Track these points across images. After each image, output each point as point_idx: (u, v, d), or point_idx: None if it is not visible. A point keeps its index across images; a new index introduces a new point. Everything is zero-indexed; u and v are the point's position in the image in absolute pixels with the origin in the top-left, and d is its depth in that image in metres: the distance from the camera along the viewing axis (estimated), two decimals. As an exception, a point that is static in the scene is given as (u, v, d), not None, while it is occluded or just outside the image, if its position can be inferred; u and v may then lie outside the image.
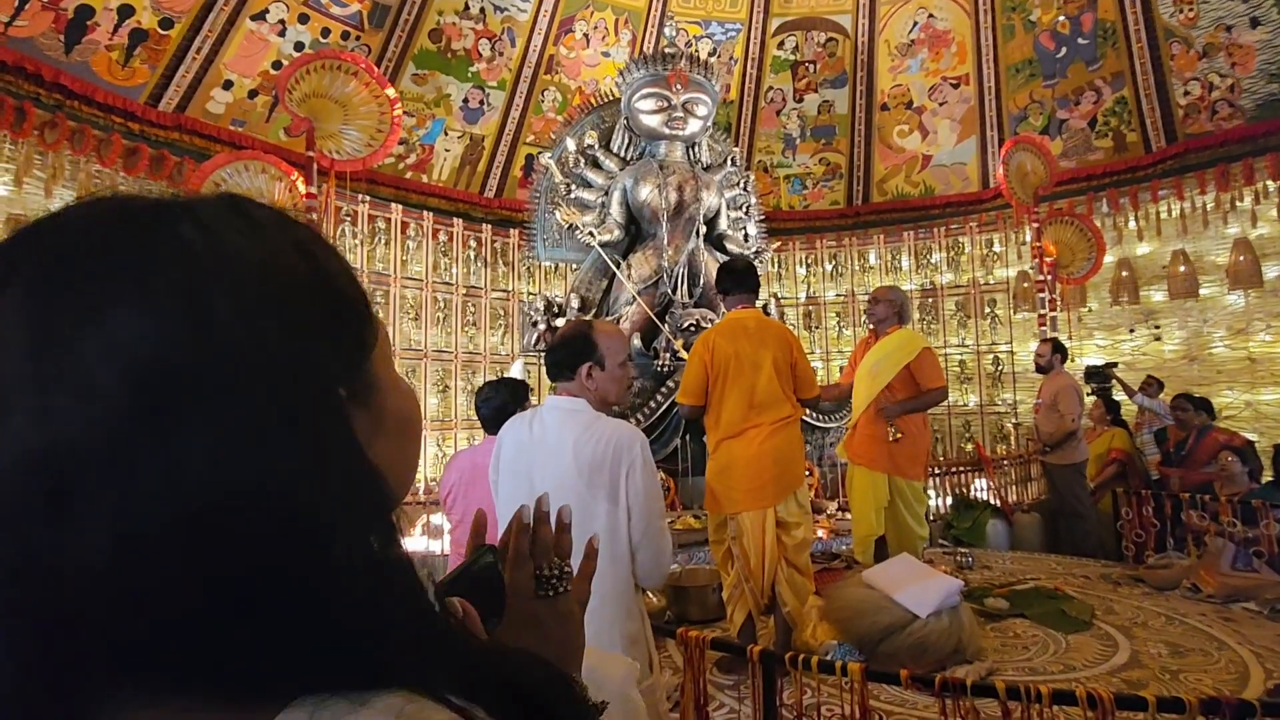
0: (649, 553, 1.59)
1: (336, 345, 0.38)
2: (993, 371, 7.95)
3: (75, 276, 0.32)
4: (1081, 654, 2.93)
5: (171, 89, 5.75)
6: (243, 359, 0.32)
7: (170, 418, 0.30)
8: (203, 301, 0.32)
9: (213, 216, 0.37)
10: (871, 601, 2.96)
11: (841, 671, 1.62)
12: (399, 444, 0.44)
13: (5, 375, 0.30)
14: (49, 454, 0.29)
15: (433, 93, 7.42)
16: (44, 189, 5.01)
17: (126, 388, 0.30)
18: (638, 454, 1.59)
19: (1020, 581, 3.95)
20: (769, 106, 8.93)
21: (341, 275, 0.42)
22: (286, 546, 0.32)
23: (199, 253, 0.34)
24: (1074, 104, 7.68)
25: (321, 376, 0.36)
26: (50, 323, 0.31)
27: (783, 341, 2.95)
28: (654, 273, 6.38)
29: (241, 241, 0.36)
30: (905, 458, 3.59)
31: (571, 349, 1.70)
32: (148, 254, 0.33)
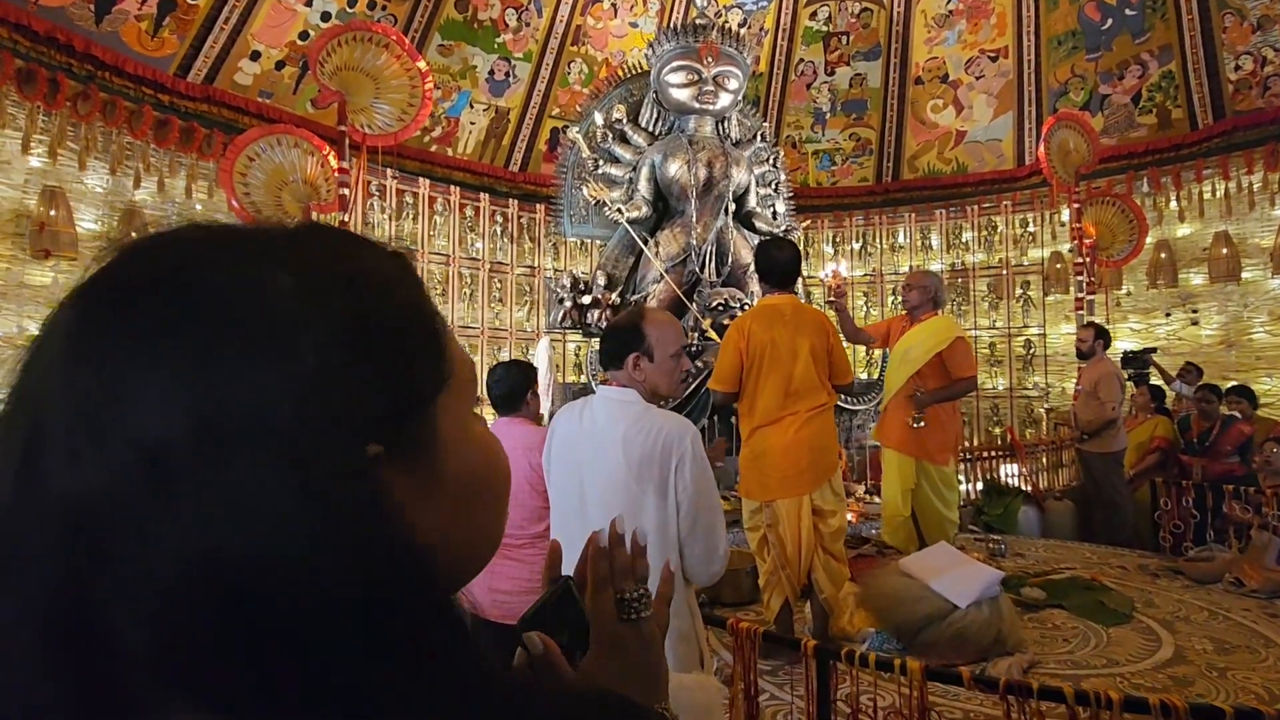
0: (698, 548, 1.56)
1: (371, 398, 0.35)
2: (1024, 355, 7.82)
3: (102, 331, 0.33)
4: (1124, 648, 2.90)
5: (200, 60, 5.71)
6: (244, 427, 0.31)
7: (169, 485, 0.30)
8: (211, 364, 0.31)
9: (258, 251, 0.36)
10: (910, 590, 2.95)
11: (901, 670, 1.60)
12: (465, 507, 0.40)
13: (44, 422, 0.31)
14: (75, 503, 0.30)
15: (458, 64, 7.31)
16: (77, 160, 5.02)
17: (135, 452, 0.30)
18: (688, 447, 1.55)
19: (1055, 571, 3.91)
20: (799, 80, 8.72)
21: (405, 319, 0.38)
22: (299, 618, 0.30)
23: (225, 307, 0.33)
24: (1118, 78, 7.41)
25: (337, 437, 0.33)
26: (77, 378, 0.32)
27: (820, 328, 2.91)
28: (682, 250, 6.30)
29: (280, 287, 0.34)
30: (933, 443, 3.61)
31: (620, 338, 1.67)
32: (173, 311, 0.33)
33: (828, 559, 2.88)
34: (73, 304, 0.34)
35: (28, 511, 0.31)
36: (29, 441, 0.31)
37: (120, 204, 5.26)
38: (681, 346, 1.67)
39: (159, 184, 5.46)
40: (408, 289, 0.40)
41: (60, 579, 0.30)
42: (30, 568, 0.30)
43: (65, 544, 0.30)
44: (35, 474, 0.31)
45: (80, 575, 0.30)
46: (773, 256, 2.99)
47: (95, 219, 5.14)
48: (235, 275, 0.34)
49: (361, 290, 0.37)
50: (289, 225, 0.39)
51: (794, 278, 3.04)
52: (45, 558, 0.30)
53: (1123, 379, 4.96)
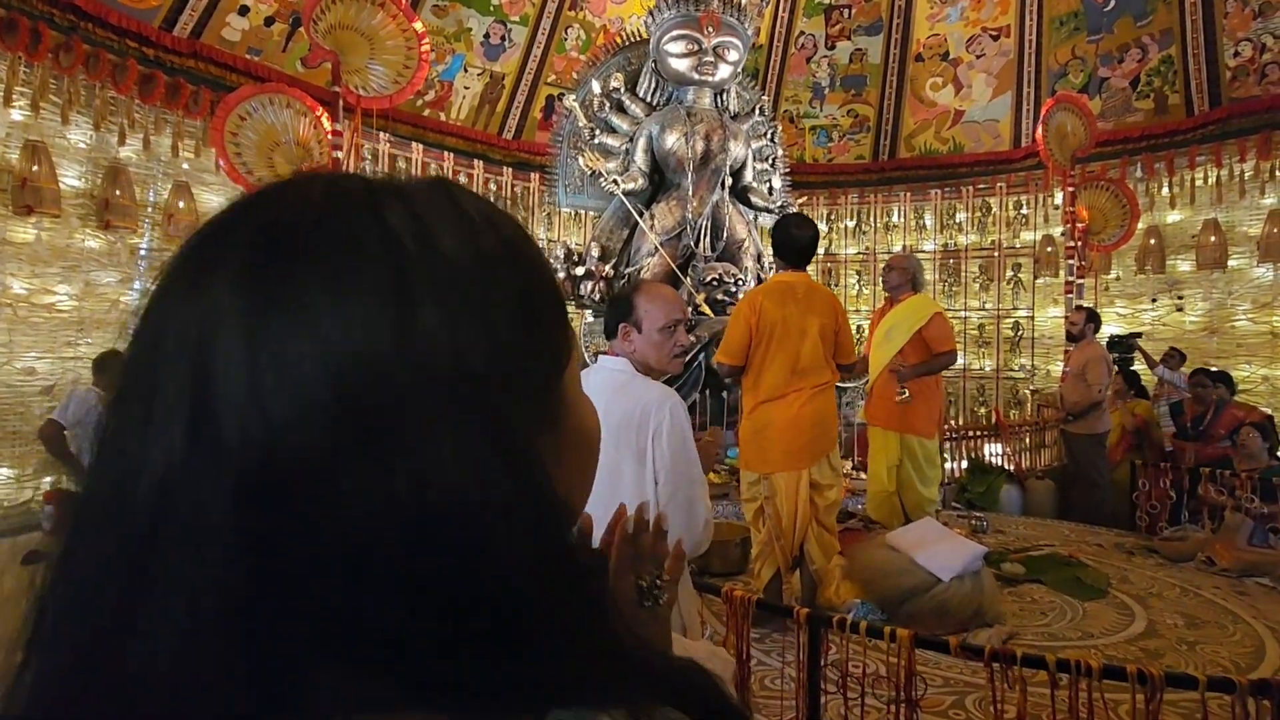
0: (677, 519, 1.53)
1: (535, 362, 0.36)
2: (1011, 336, 7.91)
3: (284, 267, 0.30)
4: (1099, 621, 3.01)
5: (186, 13, 5.53)
6: (446, 372, 0.31)
7: (373, 433, 0.29)
8: (409, 305, 0.31)
9: (425, 206, 0.35)
10: (895, 563, 3.02)
11: (890, 638, 1.65)
12: (580, 465, 0.43)
13: (215, 366, 0.29)
14: (262, 458, 0.28)
15: (453, 26, 7.15)
16: (60, 114, 4.89)
17: (332, 398, 0.28)
18: (665, 416, 1.55)
19: (1035, 547, 4.02)
20: (799, 53, 8.61)
21: (547, 283, 0.39)
22: (477, 568, 0.30)
23: (408, 247, 0.32)
24: (1117, 61, 7.38)
25: (519, 396, 0.34)
26: (260, 316, 0.29)
27: (830, 308, 2.94)
28: (677, 224, 6.27)
29: (452, 237, 0.34)
30: (916, 417, 3.70)
31: (615, 308, 1.68)
32: (355, 246, 0.31)
33: (821, 531, 2.95)
34: (234, 250, 0.31)
35: (206, 474, 0.28)
36: (197, 400, 0.29)
37: (105, 160, 5.14)
38: (675, 321, 1.65)
39: (144, 141, 5.33)
40: (541, 255, 0.40)
41: (245, 544, 0.28)
42: (212, 532, 0.28)
43: (259, 505, 0.28)
44: (212, 434, 0.28)
45: (269, 538, 0.28)
46: (792, 235, 2.98)
47: (78, 175, 5.02)
48: (415, 233, 0.33)
49: (516, 256, 0.37)
50: (429, 181, 0.38)
51: (809, 258, 3.05)
52: (233, 523, 0.28)
53: (1110, 363, 5.05)
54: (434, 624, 0.29)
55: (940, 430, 3.95)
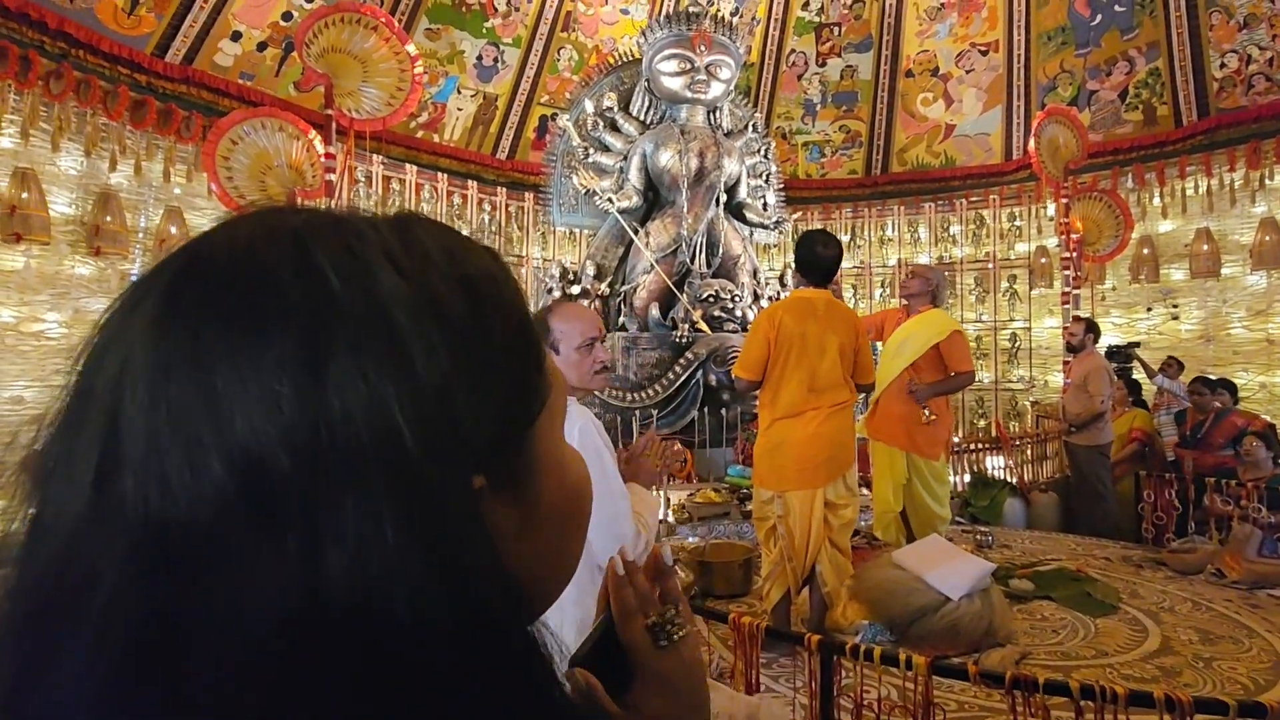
0: (599, 538, 1.45)
1: (484, 419, 0.32)
2: (1009, 348, 7.91)
3: (191, 320, 0.28)
4: (1112, 639, 2.94)
5: (179, 39, 5.54)
6: (356, 436, 0.27)
7: (268, 506, 0.26)
8: (322, 360, 0.28)
9: (366, 241, 0.31)
10: (903, 582, 2.96)
11: (907, 665, 1.60)
12: (559, 534, 0.38)
13: (123, 425, 0.27)
14: (157, 523, 0.26)
15: (446, 49, 7.18)
16: (50, 141, 4.87)
17: (229, 469, 0.26)
18: (574, 438, 1.49)
19: (1042, 562, 3.96)
20: (790, 70, 8.69)
21: (513, 327, 0.35)
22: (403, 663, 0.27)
23: (333, 290, 0.29)
24: (1105, 74, 7.46)
25: (454, 461, 0.30)
26: (164, 374, 0.27)
27: (850, 326, 2.90)
28: (672, 241, 6.27)
29: (390, 276, 0.30)
30: (925, 437, 3.60)
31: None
32: (268, 292, 0.28)
33: (834, 552, 2.89)
34: (159, 286, 0.30)
35: (104, 529, 0.27)
36: (106, 448, 0.27)
37: (95, 187, 5.11)
38: (592, 338, 1.61)
39: (135, 167, 5.31)
40: (513, 292, 0.36)
41: (143, 613, 0.26)
42: (108, 596, 0.26)
43: (149, 574, 0.26)
44: (114, 489, 0.27)
45: (165, 611, 0.26)
46: (818, 254, 2.92)
47: (69, 202, 4.99)
48: (344, 270, 0.30)
49: (475, 296, 0.33)
50: (390, 216, 0.34)
51: (832, 276, 3.00)
52: (125, 587, 0.26)
53: (1112, 373, 5.02)
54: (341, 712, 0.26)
55: (948, 451, 3.85)
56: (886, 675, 1.90)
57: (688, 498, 4.72)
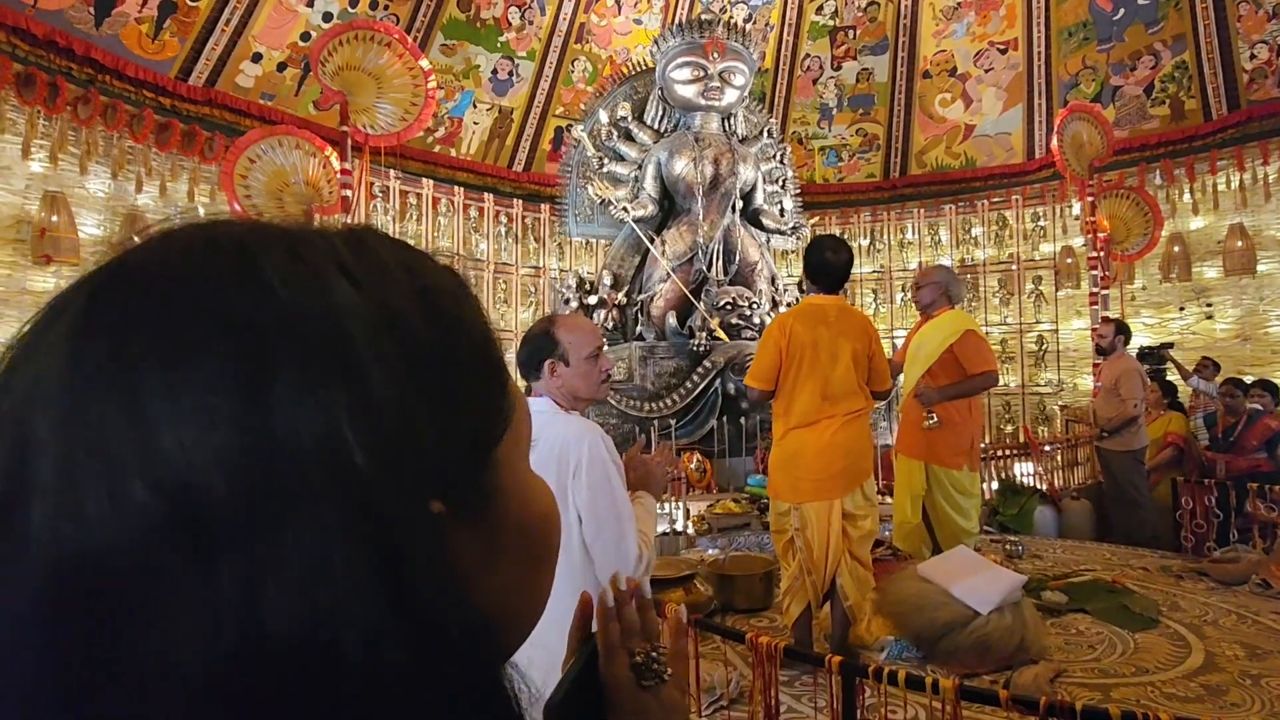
0: (602, 557, 1.45)
1: (442, 444, 0.29)
2: (1035, 351, 7.73)
3: (115, 331, 0.26)
4: (1153, 655, 2.82)
5: (201, 62, 5.66)
6: (301, 459, 0.25)
7: (201, 536, 0.24)
8: (264, 374, 0.25)
9: (318, 252, 0.29)
10: (929, 596, 2.87)
11: (933, 689, 1.53)
12: (525, 567, 0.35)
13: (32, 450, 0.24)
14: (70, 559, 0.23)
15: (461, 64, 7.25)
16: (79, 165, 4.98)
17: (159, 496, 0.24)
18: (584, 453, 1.47)
19: (1076, 573, 3.82)
20: (805, 75, 8.63)
21: (475, 346, 0.32)
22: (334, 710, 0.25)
23: (280, 300, 0.27)
24: (1130, 69, 7.30)
25: (411, 486, 0.27)
26: (80, 394, 0.25)
27: (863, 333, 2.83)
28: (689, 249, 6.23)
29: (344, 290, 0.28)
30: (943, 445, 3.47)
31: (533, 346, 1.61)
32: (207, 299, 0.26)
33: (855, 565, 2.81)
34: (79, 299, 0.27)
35: (10, 560, 0.24)
36: (9, 476, 0.24)
37: (122, 208, 5.22)
38: (598, 348, 1.61)
39: (161, 188, 5.42)
40: (473, 310, 0.34)
41: (52, 666, 0.23)
42: (8, 650, 0.23)
43: (60, 620, 0.23)
44: (17, 523, 0.24)
45: (78, 667, 0.23)
46: (827, 259, 2.85)
47: (97, 224, 5.10)
48: (293, 280, 0.27)
49: (432, 311, 0.31)
50: (343, 228, 0.32)
51: (844, 282, 2.94)
52: (27, 642, 0.23)
53: (1144, 375, 4.86)
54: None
55: (974, 460, 3.64)
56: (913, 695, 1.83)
57: (707, 509, 4.66)
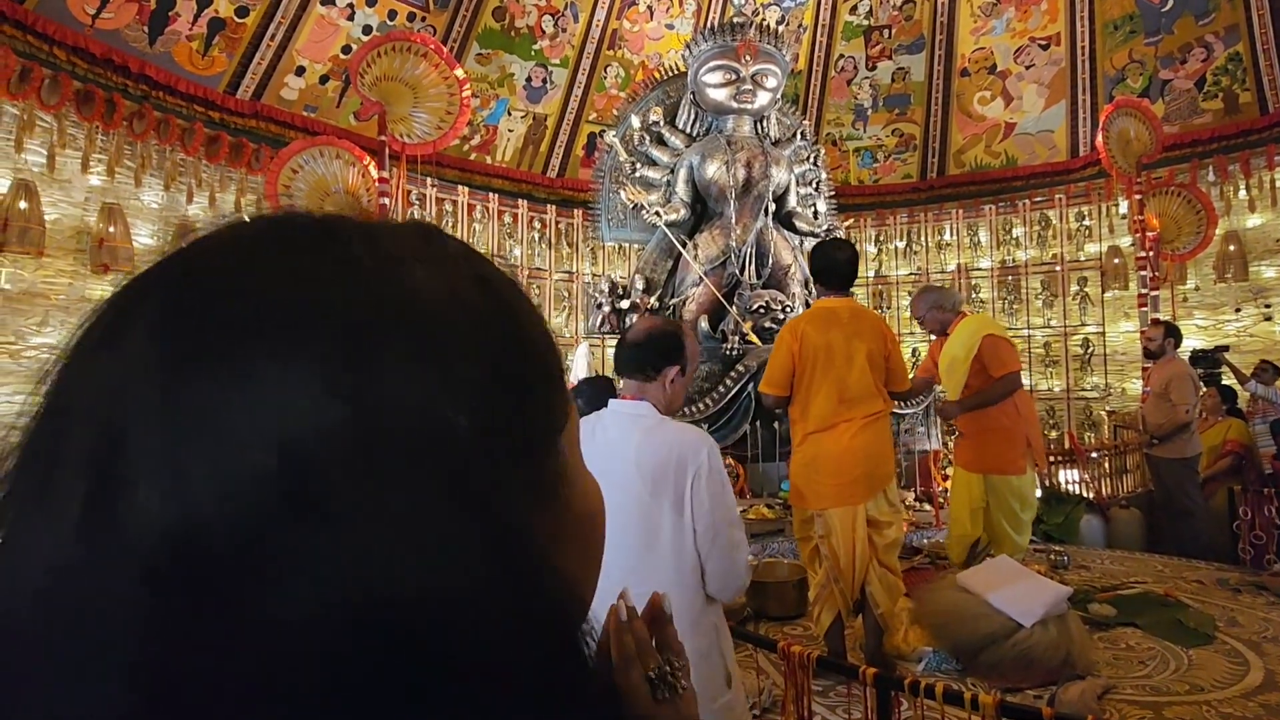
0: (717, 566, 1.48)
1: (524, 424, 0.30)
2: (1081, 354, 7.48)
3: (211, 310, 0.26)
4: (1208, 672, 2.70)
5: (248, 77, 5.86)
6: (409, 433, 0.26)
7: (315, 505, 0.24)
8: (366, 354, 0.26)
9: (396, 243, 0.31)
10: (969, 607, 2.80)
11: (972, 705, 1.49)
12: (583, 548, 0.36)
13: (130, 435, 0.24)
14: (180, 536, 0.23)
15: (496, 72, 7.37)
16: (134, 178, 5.20)
17: (271, 463, 0.24)
18: (704, 460, 1.48)
19: (1125, 585, 3.69)
20: (839, 76, 8.54)
21: (539, 337, 0.34)
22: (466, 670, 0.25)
23: (371, 287, 0.28)
24: (1180, 62, 7.04)
25: (503, 462, 0.28)
26: (180, 370, 0.25)
27: (877, 333, 2.79)
28: (721, 253, 6.21)
29: (426, 279, 0.29)
30: (998, 453, 3.38)
31: (663, 348, 1.59)
32: (301, 283, 0.27)
33: (883, 572, 2.75)
34: (156, 291, 0.27)
35: (102, 560, 0.23)
36: (100, 468, 0.24)
37: (174, 219, 5.43)
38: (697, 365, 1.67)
39: (210, 198, 5.62)
40: (530, 304, 0.35)
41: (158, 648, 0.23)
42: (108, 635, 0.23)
43: (173, 594, 0.23)
44: (114, 511, 0.24)
45: (187, 639, 0.23)
46: (830, 257, 2.86)
47: (151, 234, 5.31)
48: (377, 261, 0.29)
49: (498, 299, 0.32)
50: (408, 221, 0.34)
51: (852, 280, 2.91)
52: (138, 618, 0.23)
53: (1196, 380, 4.66)
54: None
55: (1038, 457, 3.51)
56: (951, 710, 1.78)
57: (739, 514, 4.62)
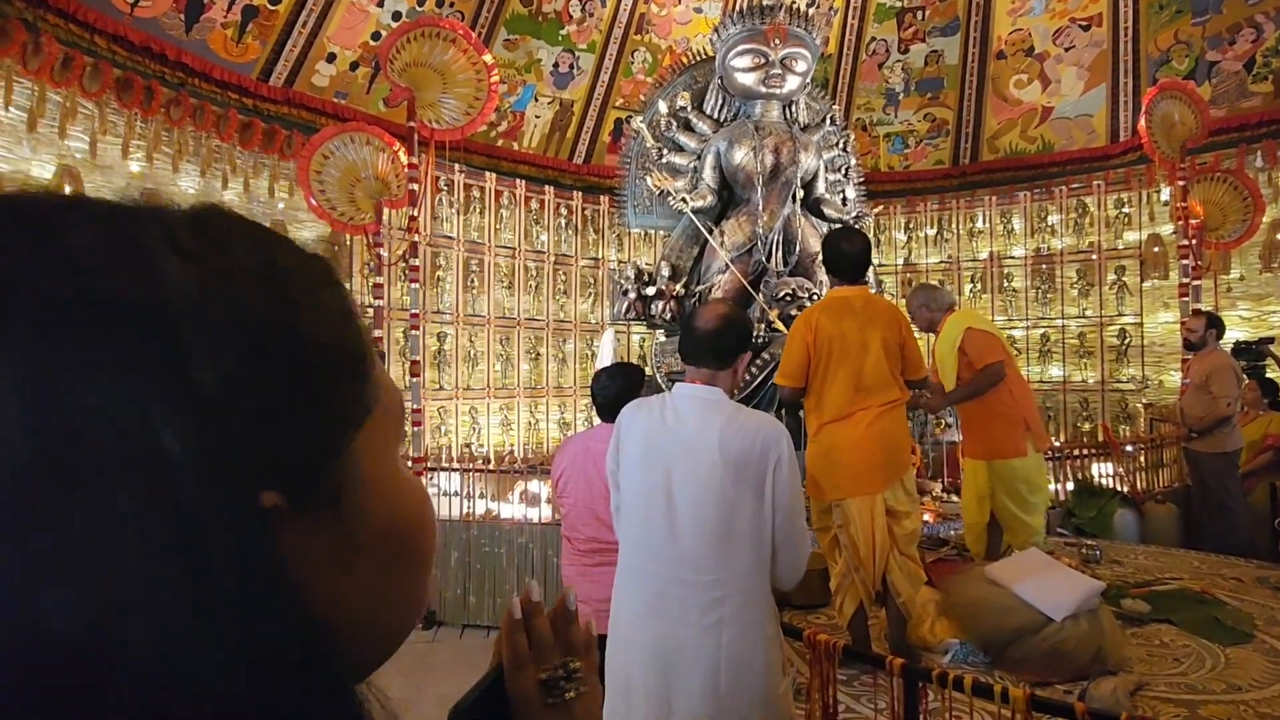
0: (790, 553, 1.55)
1: (277, 430, 0.27)
2: (1117, 345, 7.30)
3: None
4: (1246, 671, 2.64)
5: (280, 64, 5.93)
6: (98, 448, 0.23)
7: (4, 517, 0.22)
8: (53, 358, 0.23)
9: (136, 226, 0.28)
10: (998, 600, 2.77)
11: (1002, 698, 1.47)
12: (386, 569, 0.32)
13: None
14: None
15: (524, 58, 7.35)
16: (171, 164, 5.30)
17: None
18: (784, 450, 1.52)
19: (1160, 581, 3.61)
20: (870, 59, 8.36)
21: (323, 329, 0.31)
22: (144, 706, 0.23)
23: (77, 278, 0.25)
24: (1228, 43, 6.76)
25: (231, 479, 0.25)
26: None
27: (892, 321, 2.76)
28: (748, 239, 6.15)
29: (169, 264, 0.26)
30: (996, 437, 3.38)
31: (738, 335, 1.63)
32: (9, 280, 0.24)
33: (904, 560, 2.74)
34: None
35: None
36: None
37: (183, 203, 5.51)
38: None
39: (245, 184, 5.72)
40: (332, 293, 0.32)
41: None
42: None
43: None
44: None
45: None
46: (841, 249, 2.85)
47: (187, 219, 5.42)
48: (102, 251, 0.26)
49: (275, 291, 0.29)
50: (189, 205, 0.31)
51: (864, 270, 2.89)
52: None
53: (1239, 372, 4.51)
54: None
55: (1039, 438, 3.44)
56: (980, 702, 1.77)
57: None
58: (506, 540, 4.40)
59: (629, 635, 1.54)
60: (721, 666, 1.43)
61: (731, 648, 1.44)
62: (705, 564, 1.46)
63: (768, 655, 1.49)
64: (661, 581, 1.49)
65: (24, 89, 4.48)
